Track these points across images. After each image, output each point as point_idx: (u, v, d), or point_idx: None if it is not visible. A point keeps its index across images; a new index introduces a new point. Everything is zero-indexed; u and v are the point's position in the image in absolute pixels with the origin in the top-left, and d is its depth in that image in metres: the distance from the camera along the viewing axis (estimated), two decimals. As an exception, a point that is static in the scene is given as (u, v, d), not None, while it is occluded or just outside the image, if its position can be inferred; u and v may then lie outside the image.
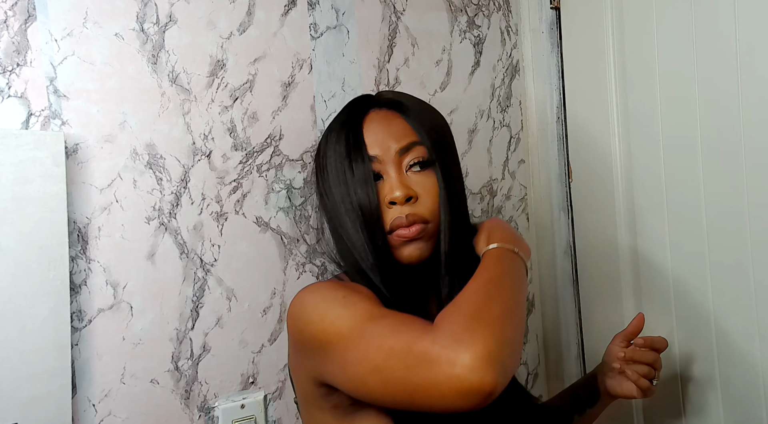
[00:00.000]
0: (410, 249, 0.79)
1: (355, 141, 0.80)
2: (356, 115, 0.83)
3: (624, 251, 1.16)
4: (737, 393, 0.99)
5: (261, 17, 1.05)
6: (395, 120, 0.82)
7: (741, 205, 0.94)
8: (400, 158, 0.80)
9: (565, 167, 1.29)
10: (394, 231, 0.78)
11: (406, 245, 0.79)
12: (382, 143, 0.80)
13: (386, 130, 0.81)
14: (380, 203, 0.79)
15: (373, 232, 0.78)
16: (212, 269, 1.00)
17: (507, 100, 1.33)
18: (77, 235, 0.90)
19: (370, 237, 0.78)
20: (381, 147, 0.80)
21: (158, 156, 0.96)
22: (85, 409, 0.90)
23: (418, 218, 0.78)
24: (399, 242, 0.79)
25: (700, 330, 1.03)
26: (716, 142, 0.98)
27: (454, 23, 1.26)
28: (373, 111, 0.84)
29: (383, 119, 0.82)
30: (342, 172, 0.80)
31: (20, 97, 0.86)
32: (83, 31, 0.91)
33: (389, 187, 0.79)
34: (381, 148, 0.80)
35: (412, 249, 0.79)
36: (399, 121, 0.82)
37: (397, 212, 0.78)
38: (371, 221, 0.78)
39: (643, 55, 1.09)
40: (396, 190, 0.78)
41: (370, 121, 0.82)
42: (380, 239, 0.79)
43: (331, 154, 0.82)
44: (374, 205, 0.78)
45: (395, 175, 0.79)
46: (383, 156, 0.80)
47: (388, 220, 0.78)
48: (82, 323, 0.90)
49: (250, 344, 1.03)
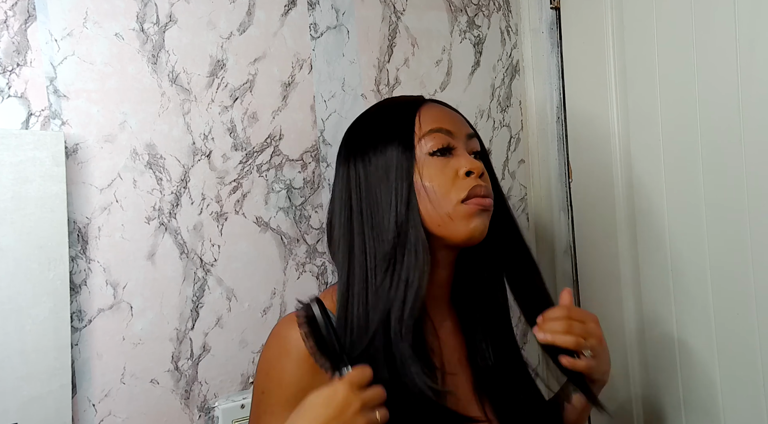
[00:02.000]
0: (478, 221, 0.79)
1: (408, 121, 0.81)
2: (410, 104, 0.85)
3: (624, 251, 1.16)
4: (737, 392, 0.99)
5: (261, 17, 1.05)
6: (455, 112, 0.87)
7: (741, 206, 0.94)
8: (467, 142, 0.83)
9: (565, 167, 1.29)
10: (471, 198, 0.78)
11: (477, 215, 0.79)
12: (454, 123, 0.83)
13: (454, 115, 0.86)
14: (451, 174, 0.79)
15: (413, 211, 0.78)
16: (212, 269, 1.00)
17: (507, 100, 1.33)
18: (77, 235, 0.90)
19: (408, 216, 0.78)
20: (453, 125, 0.83)
21: (158, 156, 0.96)
22: (85, 409, 0.90)
23: (491, 193, 0.81)
24: (473, 211, 0.78)
25: (700, 330, 1.03)
26: (716, 142, 0.98)
27: (454, 23, 1.26)
28: (429, 103, 0.86)
29: (445, 109, 0.86)
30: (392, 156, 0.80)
31: (20, 97, 0.86)
32: (83, 31, 0.91)
33: (466, 159, 0.80)
34: (454, 126, 0.83)
35: (480, 221, 0.79)
36: (458, 114, 0.87)
37: (474, 182, 0.79)
38: (409, 197, 0.78)
39: (643, 55, 1.09)
40: (475, 162, 0.80)
41: (431, 107, 0.85)
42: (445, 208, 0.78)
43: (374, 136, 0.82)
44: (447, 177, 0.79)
45: (466, 153, 0.82)
46: (456, 133, 0.82)
47: (465, 187, 0.78)
48: (82, 323, 0.90)
49: (250, 344, 1.03)
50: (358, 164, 0.82)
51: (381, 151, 0.80)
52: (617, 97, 1.16)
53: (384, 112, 0.87)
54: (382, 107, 0.89)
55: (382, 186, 0.79)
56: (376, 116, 0.87)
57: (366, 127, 0.86)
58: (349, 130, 0.88)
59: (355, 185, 0.81)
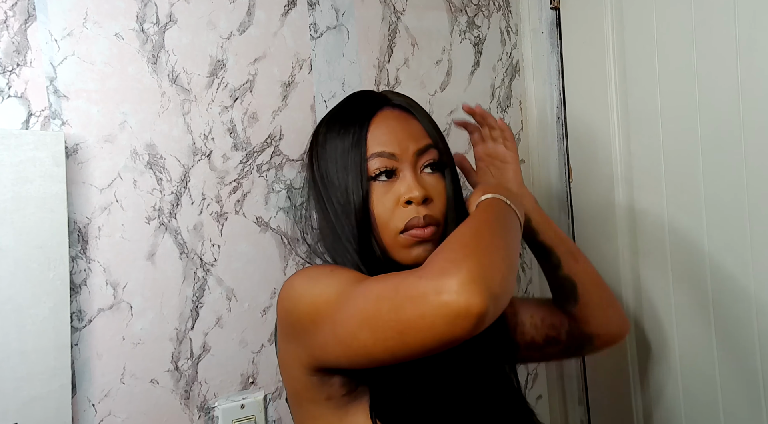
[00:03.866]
0: (419, 250, 0.78)
1: (359, 137, 0.79)
2: (367, 110, 0.82)
3: (624, 251, 1.16)
4: (737, 392, 0.99)
5: (261, 17, 1.05)
6: (411, 121, 0.82)
7: (741, 205, 0.94)
8: (416, 159, 0.80)
9: (565, 167, 1.29)
10: (408, 230, 0.77)
11: (416, 245, 0.78)
12: (401, 142, 0.79)
13: (405, 129, 0.81)
14: (392, 202, 0.78)
15: (366, 230, 0.78)
16: (212, 269, 1.00)
17: (507, 100, 1.33)
18: (77, 235, 0.90)
19: (361, 235, 0.78)
20: (400, 146, 0.79)
21: (158, 156, 0.96)
22: (85, 409, 0.90)
23: (433, 220, 0.78)
24: (410, 242, 0.78)
25: (700, 330, 1.03)
26: (716, 141, 0.98)
27: (454, 23, 1.26)
28: (387, 109, 0.82)
29: (400, 119, 0.82)
30: (343, 167, 0.79)
31: (20, 97, 0.86)
32: (83, 31, 0.91)
33: (407, 186, 0.78)
34: (400, 146, 0.79)
35: (421, 250, 0.78)
36: (415, 123, 0.82)
37: (413, 212, 0.77)
38: (363, 219, 0.78)
39: (643, 55, 1.09)
40: (415, 189, 0.77)
41: (385, 118, 0.81)
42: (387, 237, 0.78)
43: (332, 146, 0.81)
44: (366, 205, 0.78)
45: (411, 175, 0.79)
46: (401, 155, 0.79)
47: (403, 218, 0.77)
48: (82, 323, 0.90)
49: (250, 344, 1.03)
50: (321, 180, 0.82)
51: (340, 169, 0.80)
52: (617, 97, 1.16)
53: (341, 124, 0.83)
54: (339, 118, 0.84)
55: (343, 207, 0.79)
56: (336, 124, 0.83)
57: (325, 141, 0.83)
58: (313, 139, 0.86)
59: (324, 198, 0.82)
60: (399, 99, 0.84)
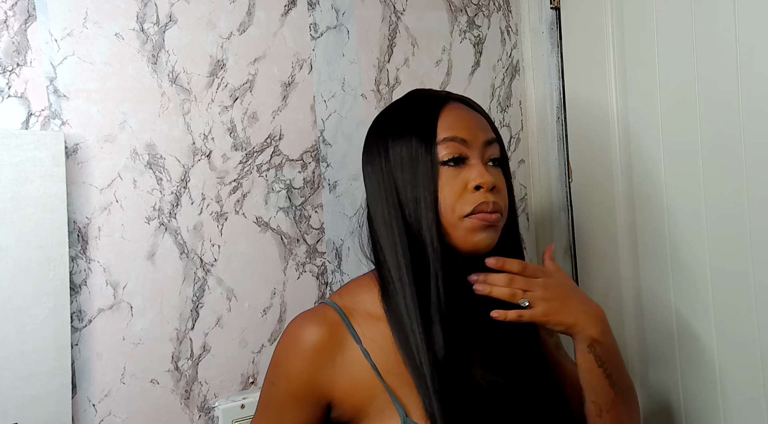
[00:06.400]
0: (484, 235, 0.79)
1: (430, 123, 0.81)
2: (435, 101, 0.84)
3: (624, 251, 1.16)
4: (737, 391, 0.99)
5: (261, 17, 1.05)
6: (477, 115, 0.85)
7: (741, 205, 0.94)
8: (484, 149, 0.82)
9: (565, 167, 1.29)
10: (476, 214, 0.78)
11: (482, 230, 0.79)
12: (471, 130, 0.81)
13: (474, 119, 0.84)
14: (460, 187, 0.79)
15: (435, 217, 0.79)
16: (212, 269, 1.00)
17: (507, 100, 1.33)
18: (77, 235, 0.90)
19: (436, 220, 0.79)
20: (470, 133, 0.81)
21: (158, 156, 0.96)
22: (85, 409, 0.90)
23: (499, 208, 0.80)
24: (478, 225, 0.78)
25: (700, 330, 1.03)
26: (716, 142, 0.98)
27: (454, 23, 1.26)
28: (452, 103, 0.85)
29: (468, 110, 0.85)
30: (414, 157, 0.80)
31: (20, 97, 0.86)
32: (83, 31, 0.91)
33: (477, 172, 0.79)
34: (470, 134, 0.81)
35: (485, 236, 0.79)
36: (480, 117, 0.85)
37: (482, 197, 0.78)
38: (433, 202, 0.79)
39: (643, 55, 1.09)
40: (485, 176, 0.79)
41: (454, 108, 0.83)
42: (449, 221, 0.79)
43: (398, 133, 0.82)
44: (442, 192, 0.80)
45: (480, 163, 0.80)
46: (471, 142, 0.81)
47: (472, 202, 0.78)
48: (82, 323, 0.90)
49: (250, 344, 1.03)
50: (385, 163, 0.83)
51: (407, 151, 0.81)
52: (617, 97, 1.16)
53: (408, 111, 0.85)
54: (406, 107, 0.87)
55: (409, 188, 0.80)
56: (400, 115, 0.86)
57: (391, 127, 0.85)
58: (374, 127, 0.88)
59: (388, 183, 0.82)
60: (460, 96, 0.88)
